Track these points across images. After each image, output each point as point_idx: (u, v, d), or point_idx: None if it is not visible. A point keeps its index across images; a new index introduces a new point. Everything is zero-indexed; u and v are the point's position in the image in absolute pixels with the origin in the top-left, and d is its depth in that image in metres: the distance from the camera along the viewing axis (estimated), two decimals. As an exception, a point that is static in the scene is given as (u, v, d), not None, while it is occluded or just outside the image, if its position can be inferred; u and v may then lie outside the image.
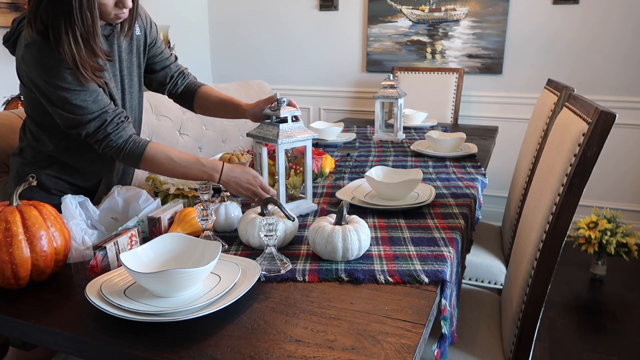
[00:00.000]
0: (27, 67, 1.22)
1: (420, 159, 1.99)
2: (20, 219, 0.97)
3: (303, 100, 3.85)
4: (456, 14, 3.29)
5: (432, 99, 3.21)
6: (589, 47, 3.07)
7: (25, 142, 1.40)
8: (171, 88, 1.59)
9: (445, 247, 1.14)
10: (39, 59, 1.19)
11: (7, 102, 2.35)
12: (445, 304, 0.99)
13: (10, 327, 0.92)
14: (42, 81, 1.21)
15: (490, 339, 1.34)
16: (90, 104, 1.23)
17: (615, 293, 2.61)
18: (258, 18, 3.87)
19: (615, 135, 3.06)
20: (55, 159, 1.39)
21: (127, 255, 0.93)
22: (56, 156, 1.38)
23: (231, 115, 1.59)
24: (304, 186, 1.38)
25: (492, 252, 1.94)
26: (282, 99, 1.30)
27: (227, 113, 1.59)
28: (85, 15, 1.15)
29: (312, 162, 1.36)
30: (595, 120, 0.98)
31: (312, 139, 1.34)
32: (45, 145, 1.37)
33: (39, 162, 1.38)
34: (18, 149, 1.43)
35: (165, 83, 1.57)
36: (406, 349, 0.78)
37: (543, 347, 2.13)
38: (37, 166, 1.38)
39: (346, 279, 1.01)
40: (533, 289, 1.14)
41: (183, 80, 1.62)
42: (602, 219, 2.71)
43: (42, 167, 1.38)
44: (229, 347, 0.79)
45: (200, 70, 3.97)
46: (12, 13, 2.49)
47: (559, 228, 1.07)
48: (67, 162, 1.40)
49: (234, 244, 1.18)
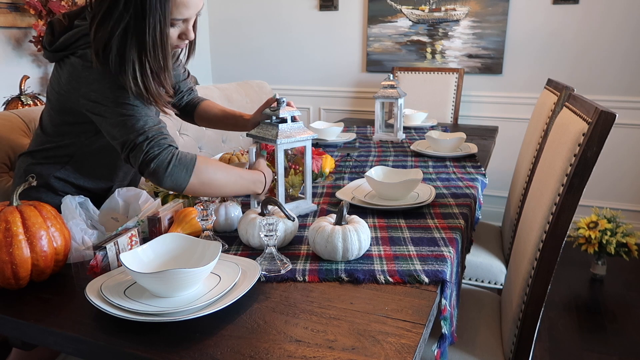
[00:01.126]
0: (89, 85, 1.19)
1: (420, 159, 1.99)
2: (20, 219, 0.97)
3: (303, 100, 3.85)
4: (456, 14, 3.29)
5: (432, 99, 3.21)
6: (589, 47, 3.07)
7: (40, 141, 1.37)
8: (176, 101, 1.61)
9: (445, 247, 1.14)
10: (112, 79, 1.17)
11: (7, 102, 2.35)
12: (445, 304, 0.99)
13: (10, 327, 0.92)
14: (103, 96, 1.18)
15: (490, 339, 1.34)
16: (149, 118, 1.19)
17: (615, 293, 2.61)
18: (258, 18, 3.87)
19: (615, 135, 3.07)
20: (70, 160, 1.35)
21: (127, 255, 0.93)
22: (74, 157, 1.35)
23: (232, 127, 1.61)
24: (304, 186, 1.38)
25: (492, 252, 1.94)
26: (281, 99, 1.30)
27: (228, 125, 1.61)
28: (158, 51, 1.15)
29: (311, 162, 1.36)
30: (595, 120, 0.98)
31: (312, 139, 1.34)
32: (66, 147, 1.33)
33: (51, 163, 1.36)
34: (30, 148, 1.40)
35: (174, 94, 1.57)
36: (406, 349, 0.78)
37: (543, 347, 2.13)
38: (48, 167, 1.36)
39: (346, 279, 1.01)
40: (533, 289, 1.14)
41: (189, 95, 1.65)
42: (602, 219, 2.71)
43: (54, 168, 1.36)
44: (229, 347, 0.79)
45: (200, 70, 3.97)
46: (12, 13, 2.49)
47: (559, 228, 1.07)
48: (82, 166, 1.37)
49: (234, 244, 1.18)
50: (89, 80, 1.19)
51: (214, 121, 1.63)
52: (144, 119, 1.17)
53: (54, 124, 1.33)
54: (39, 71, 2.67)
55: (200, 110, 1.63)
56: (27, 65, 2.60)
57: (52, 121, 1.33)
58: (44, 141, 1.36)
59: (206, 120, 1.64)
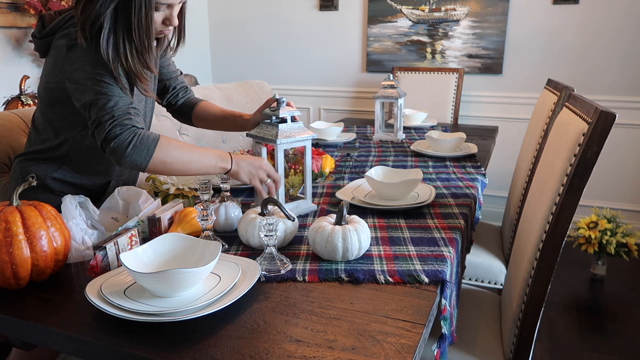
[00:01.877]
0: (72, 64, 1.23)
1: (420, 159, 1.99)
2: (20, 219, 0.97)
3: (303, 100, 3.85)
4: (456, 14, 3.29)
5: (432, 99, 3.21)
6: (589, 47, 3.07)
7: (35, 142, 1.39)
8: (171, 99, 1.62)
9: (445, 247, 1.14)
10: (92, 56, 1.21)
11: (7, 102, 2.35)
12: (445, 304, 0.99)
13: (10, 327, 0.92)
14: (84, 73, 1.21)
15: (490, 339, 1.34)
16: (121, 99, 1.21)
17: (615, 293, 2.61)
18: (258, 18, 3.87)
19: (615, 135, 3.07)
20: (65, 160, 1.37)
21: (127, 255, 0.93)
22: (69, 156, 1.37)
23: (232, 127, 1.60)
24: (304, 186, 1.38)
25: (492, 252, 1.94)
26: (281, 99, 1.31)
27: (227, 125, 1.61)
28: (143, 32, 1.22)
29: (311, 162, 1.36)
30: (595, 120, 0.98)
31: (312, 139, 1.34)
32: (60, 146, 1.35)
33: (48, 163, 1.37)
34: (25, 149, 1.42)
35: (167, 92, 1.61)
36: (406, 349, 0.78)
37: (543, 347, 2.13)
38: (45, 168, 1.37)
39: (346, 279, 1.01)
40: (533, 289, 1.14)
41: (184, 94, 1.65)
42: (602, 219, 2.71)
43: (51, 169, 1.37)
44: (229, 347, 0.79)
45: (200, 70, 3.97)
46: (12, 13, 2.49)
47: (559, 228, 1.07)
48: (78, 164, 1.38)
49: (234, 244, 1.18)
50: (72, 59, 1.23)
51: (212, 122, 1.63)
52: (114, 99, 1.20)
53: (46, 120, 1.35)
54: (38, 71, 2.66)
55: (198, 111, 1.63)
56: (27, 65, 2.60)
57: (44, 117, 1.36)
58: (38, 141, 1.38)
59: (205, 121, 1.64)
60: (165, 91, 1.60)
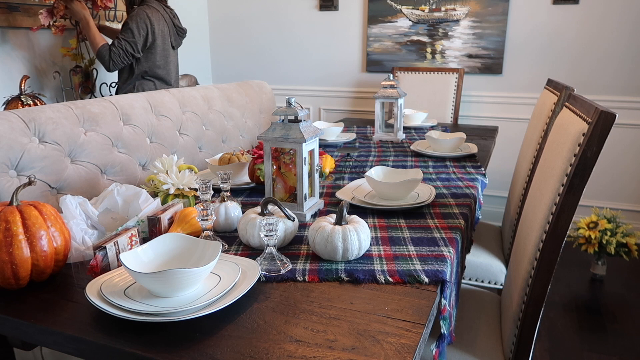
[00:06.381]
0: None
1: (420, 159, 1.99)
2: (20, 219, 0.97)
3: (303, 100, 3.85)
4: (456, 14, 3.29)
5: (432, 99, 3.21)
6: (589, 47, 3.07)
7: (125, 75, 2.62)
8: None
9: (445, 247, 1.14)
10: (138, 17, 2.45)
11: (7, 102, 2.35)
12: (445, 304, 0.99)
13: (10, 327, 0.92)
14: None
15: (490, 339, 1.34)
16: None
17: (615, 293, 2.61)
18: (258, 18, 3.87)
19: (615, 135, 3.07)
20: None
21: (127, 255, 0.93)
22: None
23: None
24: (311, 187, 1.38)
25: (492, 252, 1.94)
26: (290, 99, 1.30)
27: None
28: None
29: (319, 159, 1.35)
30: (595, 120, 0.98)
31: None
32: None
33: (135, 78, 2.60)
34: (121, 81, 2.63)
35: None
36: (406, 349, 0.78)
37: (543, 347, 2.13)
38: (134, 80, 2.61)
39: (346, 279, 1.01)
40: (533, 289, 1.14)
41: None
42: (602, 219, 2.71)
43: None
44: (229, 347, 0.79)
45: (200, 70, 3.97)
46: (12, 13, 2.49)
47: (559, 228, 1.07)
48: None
49: (234, 244, 1.18)
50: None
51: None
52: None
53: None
54: (38, 71, 2.66)
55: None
56: (27, 65, 2.60)
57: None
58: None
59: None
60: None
